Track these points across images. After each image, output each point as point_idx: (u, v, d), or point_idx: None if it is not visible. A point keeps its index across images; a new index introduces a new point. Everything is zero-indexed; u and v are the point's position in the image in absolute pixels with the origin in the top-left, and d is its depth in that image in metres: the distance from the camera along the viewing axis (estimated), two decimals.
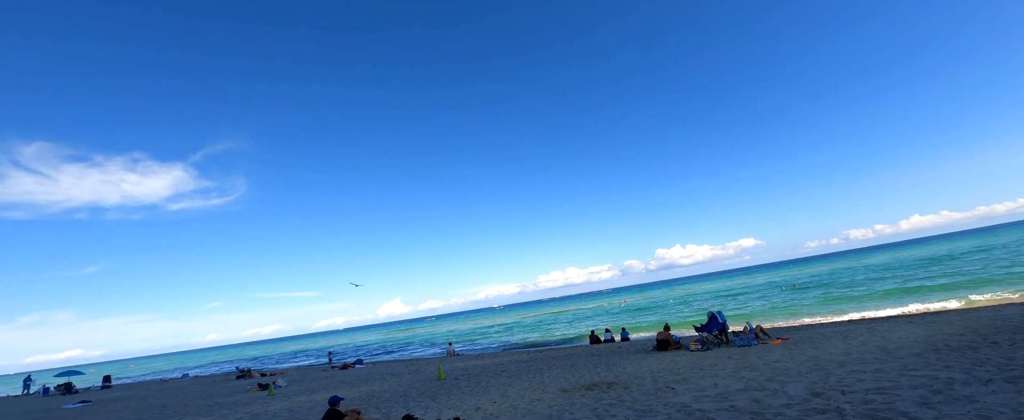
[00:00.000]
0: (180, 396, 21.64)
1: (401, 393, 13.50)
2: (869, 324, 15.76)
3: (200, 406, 16.68)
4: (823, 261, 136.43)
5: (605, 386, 10.36)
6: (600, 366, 13.82)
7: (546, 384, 11.72)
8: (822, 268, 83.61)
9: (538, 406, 9.09)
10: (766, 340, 14.48)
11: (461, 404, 10.40)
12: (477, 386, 12.93)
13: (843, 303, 27.52)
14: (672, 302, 57.01)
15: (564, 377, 12.57)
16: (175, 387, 28.56)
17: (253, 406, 14.87)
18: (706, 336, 15.44)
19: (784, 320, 24.05)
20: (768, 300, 38.31)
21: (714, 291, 64.57)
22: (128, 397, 24.66)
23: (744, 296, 46.89)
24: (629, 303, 71.02)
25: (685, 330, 25.34)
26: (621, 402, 8.52)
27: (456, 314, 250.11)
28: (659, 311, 46.45)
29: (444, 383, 14.48)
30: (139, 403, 20.76)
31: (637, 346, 18.45)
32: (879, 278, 39.96)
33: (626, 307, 61.44)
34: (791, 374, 9.10)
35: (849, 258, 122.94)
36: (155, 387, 31.09)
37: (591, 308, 74.29)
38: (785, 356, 11.26)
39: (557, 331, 41.49)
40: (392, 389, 14.72)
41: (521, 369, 15.59)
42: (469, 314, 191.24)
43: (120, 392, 29.03)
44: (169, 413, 15.76)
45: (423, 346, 46.73)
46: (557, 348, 24.41)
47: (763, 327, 15.67)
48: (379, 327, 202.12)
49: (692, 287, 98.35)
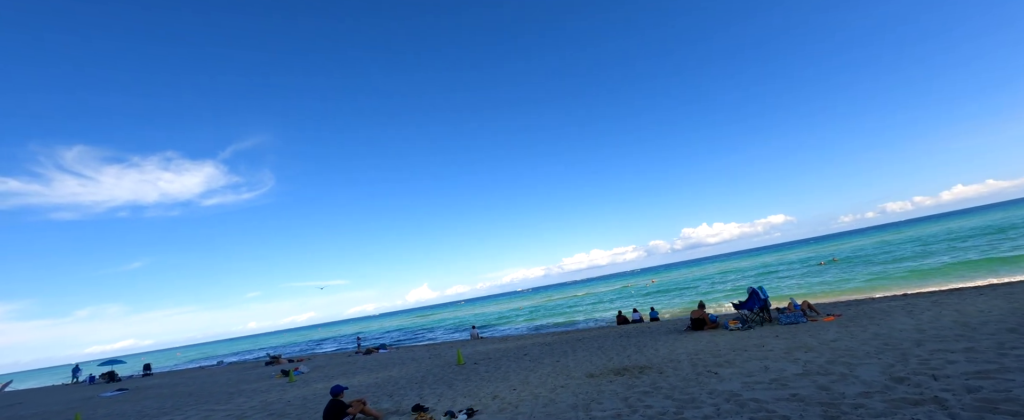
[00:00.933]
0: (208, 383, 21.81)
1: (418, 379, 12.81)
2: (933, 297, 14.06)
3: (222, 393, 16.54)
4: (860, 235, 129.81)
5: (636, 370, 9.29)
6: (630, 348, 12.74)
7: (570, 369, 10.74)
8: (861, 242, 79.25)
9: (561, 394, 8.11)
10: (815, 317, 13.05)
11: (478, 392, 9.55)
12: (497, 371, 12.08)
13: (892, 277, 25.41)
14: (702, 281, 55.09)
15: (590, 361, 11.56)
16: (208, 374, 29.13)
17: (271, 393, 14.54)
18: (746, 314, 14.11)
19: (828, 296, 22.31)
20: (806, 276, 36.16)
21: (746, 269, 62.09)
22: (162, 385, 25.17)
23: (779, 273, 44.67)
24: (656, 283, 69.31)
25: (721, 308, 23.92)
26: (656, 389, 7.44)
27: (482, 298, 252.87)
28: (688, 290, 44.79)
29: (463, 368, 13.72)
30: (170, 391, 21.02)
31: (668, 326, 17.24)
32: (928, 250, 37.12)
33: (653, 287, 59.86)
34: (857, 355, 7.79)
35: (888, 231, 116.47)
36: (190, 374, 31.89)
37: (616, 289, 72.94)
38: (843, 334, 9.90)
39: (582, 313, 40.53)
40: (410, 375, 14.07)
41: (544, 352, 14.68)
42: (494, 298, 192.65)
43: (157, 380, 29.84)
44: (192, 401, 15.65)
45: (448, 330, 46.67)
46: (582, 330, 23.44)
47: (810, 303, 14.21)
48: (407, 312, 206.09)
49: (722, 265, 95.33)
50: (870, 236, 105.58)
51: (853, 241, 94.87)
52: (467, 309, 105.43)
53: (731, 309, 20.80)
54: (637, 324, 21.31)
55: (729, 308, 22.14)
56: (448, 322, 60.62)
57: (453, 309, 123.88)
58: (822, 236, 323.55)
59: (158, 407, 15.39)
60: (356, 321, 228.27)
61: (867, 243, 69.50)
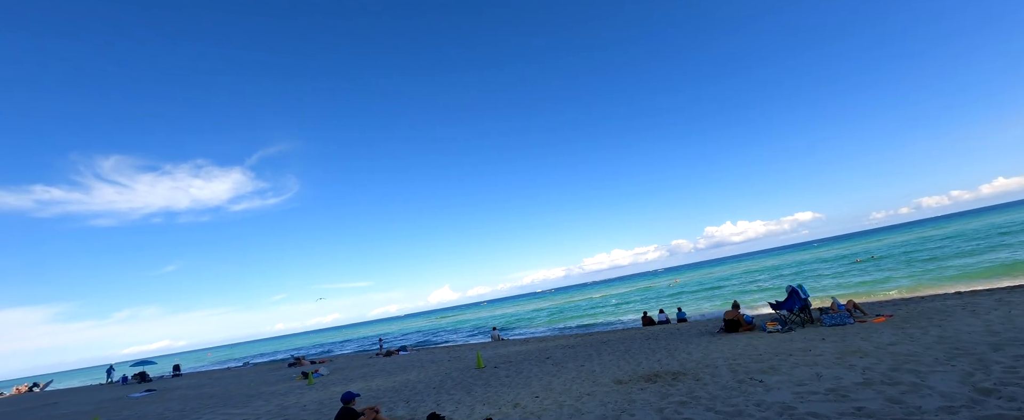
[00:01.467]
0: (231, 385, 21.92)
1: (436, 384, 12.33)
2: (996, 295, 12.80)
3: (242, 395, 16.46)
4: (895, 232, 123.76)
5: (669, 377, 8.56)
6: (659, 351, 11.97)
7: (597, 374, 10.06)
8: (897, 238, 75.36)
9: (588, 403, 7.47)
10: (863, 318, 12.01)
11: (498, 399, 8.98)
12: (518, 376, 11.49)
13: (941, 274, 23.71)
14: (728, 281, 53.27)
15: (617, 365, 10.85)
16: (233, 375, 29.47)
17: (289, 397, 14.32)
18: (785, 314, 13.14)
19: (871, 295, 20.90)
20: (843, 274, 34.33)
21: (775, 267, 59.80)
22: (189, 386, 25.52)
23: (813, 271, 42.68)
24: (679, 283, 67.49)
25: (756, 308, 22.74)
26: (694, 400, 6.72)
27: (503, 299, 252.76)
28: (715, 291, 43.25)
29: (483, 372, 13.18)
30: (195, 392, 21.21)
31: (698, 327, 16.33)
32: (975, 246, 34.76)
33: (676, 288, 58.24)
34: (924, 361, 6.90)
35: (925, 227, 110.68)
36: (216, 375, 32.39)
37: (639, 289, 71.38)
38: (901, 337, 8.94)
39: (604, 314, 39.56)
40: (428, 379, 13.62)
41: (567, 355, 14.02)
42: (515, 299, 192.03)
43: (184, 381, 30.36)
44: (212, 403, 15.60)
45: (470, 332, 46.33)
46: (606, 331, 22.63)
47: (855, 302, 13.12)
48: (430, 314, 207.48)
49: (748, 264, 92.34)
50: (906, 232, 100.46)
51: (888, 237, 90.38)
52: (488, 310, 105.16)
53: (767, 310, 19.71)
54: (664, 325, 20.40)
55: (765, 309, 21.00)
56: (469, 323, 60.36)
57: (475, 310, 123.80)
58: (853, 233, 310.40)
59: (180, 409, 15.38)
60: (380, 322, 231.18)
61: (904, 239, 66.03)
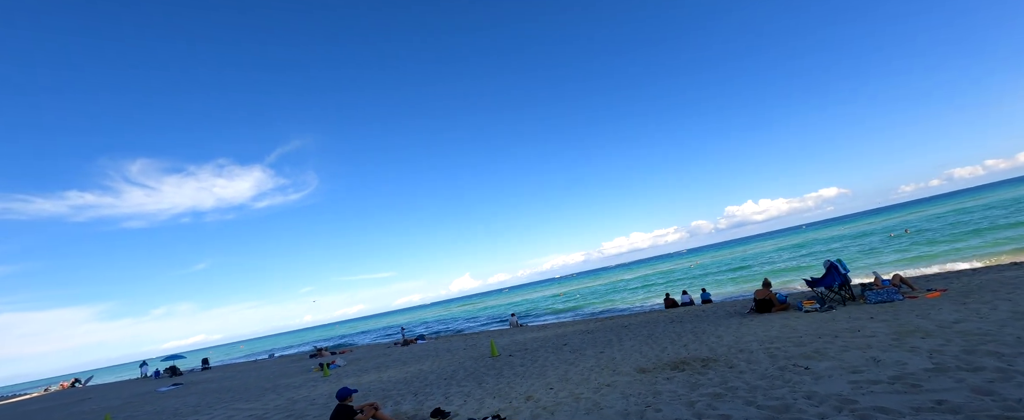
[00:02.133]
0: (251, 378, 21.99)
1: (448, 374, 11.75)
2: None
3: (257, 389, 16.30)
4: (927, 204, 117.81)
5: (698, 364, 7.69)
6: (685, 335, 11.07)
7: (618, 362, 9.26)
8: (932, 210, 71.56)
9: (608, 395, 6.68)
10: (913, 293, 10.86)
11: (509, 391, 8.29)
12: (533, 365, 10.78)
13: (992, 246, 21.96)
14: (752, 261, 51.53)
15: (640, 352, 10.03)
16: (256, 368, 29.81)
17: (301, 390, 14.02)
18: (824, 292, 12.04)
19: (914, 269, 19.44)
20: (879, 250, 32.51)
21: (800, 245, 57.54)
22: (213, 379, 25.85)
23: (842, 248, 40.71)
24: (701, 264, 65.78)
25: (789, 286, 21.50)
26: (730, 391, 5.86)
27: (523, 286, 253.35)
28: (739, 272, 41.75)
29: (496, 361, 12.54)
30: (216, 385, 21.35)
31: (725, 309, 15.32)
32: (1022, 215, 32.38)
33: (697, 269, 56.71)
34: (1005, 342, 5.86)
35: (961, 198, 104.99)
36: (241, 368, 32.90)
37: (658, 272, 69.95)
38: (967, 313, 7.84)
39: (625, 297, 38.63)
40: (441, 369, 13.07)
41: (586, 342, 13.25)
42: (535, 285, 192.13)
43: (211, 374, 30.87)
44: (228, 397, 15.47)
45: (489, 319, 46.11)
46: (626, 315, 21.76)
47: (902, 276, 11.93)
48: (451, 302, 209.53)
49: (774, 242, 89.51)
50: (939, 204, 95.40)
51: (921, 210, 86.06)
52: (508, 297, 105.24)
53: (801, 288, 18.53)
54: (688, 307, 19.43)
55: (799, 287, 19.78)
56: (489, 311, 60.27)
57: (495, 297, 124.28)
58: (881, 208, 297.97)
59: (195, 403, 15.31)
60: (403, 312, 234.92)
61: (941, 211, 62.63)
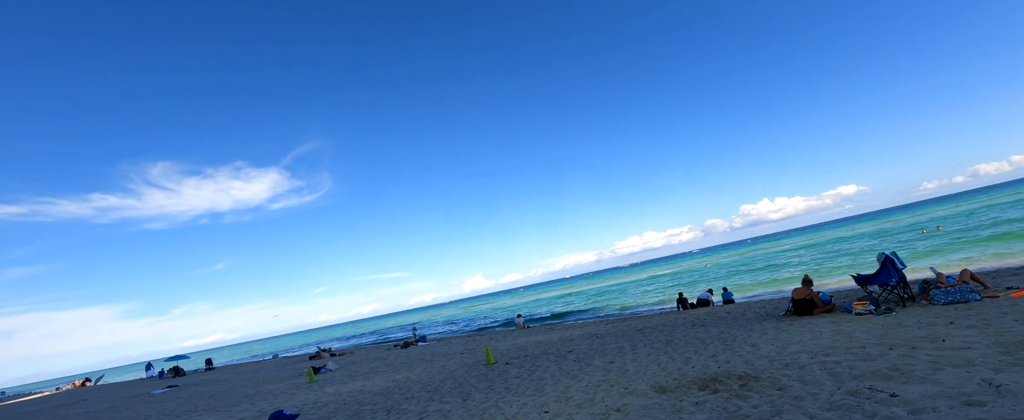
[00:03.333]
0: (240, 382, 20.86)
1: (434, 385, 10.25)
2: None
3: (238, 395, 15.07)
4: (953, 201, 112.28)
5: (735, 383, 6.03)
6: (712, 342, 9.37)
7: (631, 376, 7.63)
8: (962, 207, 67.70)
9: None
10: (992, 292, 9.01)
11: (496, 414, 6.74)
12: (530, 377, 9.21)
13: None
14: (771, 258, 49.11)
15: (658, 363, 8.37)
16: (251, 371, 28.79)
17: (280, 398, 12.69)
18: (877, 291, 10.23)
19: (962, 264, 17.33)
20: (913, 246, 30.13)
21: (826, 242, 54.76)
22: (208, 382, 24.85)
23: (870, 247, 38.23)
24: (716, 263, 63.27)
25: (830, 282, 19.46)
26: None
27: (535, 286, 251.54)
28: (756, 272, 39.51)
29: (491, 370, 11.00)
30: (205, 389, 20.27)
31: (754, 310, 13.52)
32: None
33: (713, 268, 54.38)
34: None
35: (989, 194, 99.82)
36: (240, 370, 31.98)
37: (672, 271, 67.59)
38: None
39: (637, 297, 36.76)
40: (428, 378, 11.59)
41: (594, 348, 11.62)
42: (547, 285, 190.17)
43: (210, 375, 29.96)
44: (203, 406, 14.24)
45: (497, 319, 44.69)
46: (640, 316, 20.02)
47: (972, 272, 10.05)
48: (463, 302, 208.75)
49: (794, 240, 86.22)
50: (968, 200, 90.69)
51: (949, 206, 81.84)
52: (520, 297, 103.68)
53: (844, 286, 16.64)
54: (707, 309, 17.65)
55: (841, 284, 17.82)
56: (499, 310, 58.84)
57: (507, 297, 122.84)
58: (902, 205, 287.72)
59: (175, 410, 14.12)
60: (415, 311, 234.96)
61: (972, 207, 59.19)
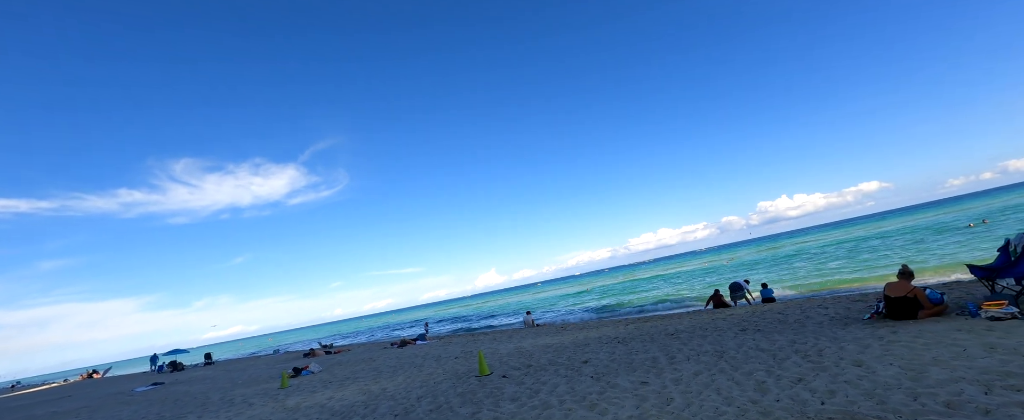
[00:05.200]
0: (218, 384, 19.01)
1: (409, 404, 8.01)
2: None
3: (202, 402, 13.10)
4: (983, 198, 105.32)
5: None
6: (786, 356, 6.88)
7: (679, 413, 5.23)
8: (997, 201, 62.97)
9: None
10: None
11: None
12: (529, 401, 6.85)
13: None
14: (795, 257, 45.85)
15: (717, 388, 5.91)
16: (243, 368, 27.12)
17: (235, 408, 10.66)
18: (1011, 287, 7.61)
19: None
20: (962, 242, 26.92)
21: (856, 239, 50.96)
22: (197, 379, 23.24)
23: (910, 244, 34.85)
24: (737, 260, 59.92)
25: (930, 276, 16.38)
26: None
27: (548, 281, 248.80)
28: (778, 268, 36.46)
29: (482, 385, 8.70)
30: (184, 390, 18.52)
31: (816, 310, 10.93)
32: None
33: (733, 265, 51.23)
34: None
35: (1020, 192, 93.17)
36: (232, 367, 30.40)
37: (689, 269, 64.40)
38: None
39: (658, 295, 34.07)
40: (405, 391, 9.37)
41: (616, 358, 9.22)
42: (560, 281, 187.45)
43: (201, 373, 28.38)
44: (171, 411, 12.32)
45: (507, 315, 42.52)
46: (667, 315, 17.49)
47: None
48: (476, 297, 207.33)
49: (819, 237, 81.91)
50: (997, 197, 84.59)
51: (983, 202, 76.52)
52: (533, 292, 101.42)
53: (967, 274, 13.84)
54: (745, 309, 15.12)
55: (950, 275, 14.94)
56: (511, 307, 56.69)
57: (519, 293, 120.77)
58: (927, 203, 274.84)
59: (143, 414, 12.27)
60: (428, 306, 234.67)
61: (1005, 204, 54.90)
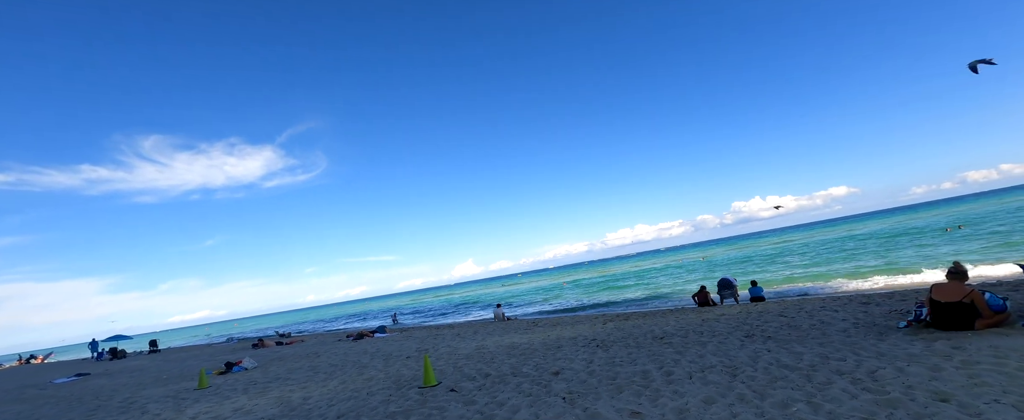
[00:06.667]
0: (147, 376, 16.72)
1: None
2: None
3: (115, 404, 10.89)
4: (946, 206, 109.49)
5: None
6: (830, 380, 5.22)
7: None
8: (955, 211, 65.83)
9: None
10: None
11: None
12: None
13: None
14: (766, 256, 45.59)
15: None
16: (184, 357, 24.62)
17: (127, 415, 8.57)
18: None
19: None
20: (948, 244, 26.47)
21: (833, 240, 51.14)
22: (124, 371, 20.71)
23: (893, 244, 34.58)
24: (710, 258, 59.86)
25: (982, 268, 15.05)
26: None
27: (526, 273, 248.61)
28: (747, 267, 35.84)
29: (424, 399, 6.84)
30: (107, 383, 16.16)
31: (825, 312, 9.46)
32: None
33: (706, 263, 51.05)
34: None
35: (984, 200, 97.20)
36: (177, 355, 27.83)
37: (662, 265, 63.96)
38: None
39: (638, 289, 32.89)
40: (328, 403, 7.44)
41: (596, 368, 7.50)
42: (539, 273, 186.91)
43: (140, 362, 25.76)
44: (67, 410, 10.09)
45: (482, 306, 40.93)
46: (650, 312, 15.95)
47: None
48: (453, 287, 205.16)
49: (792, 237, 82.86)
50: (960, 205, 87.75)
51: (944, 210, 79.05)
52: (512, 283, 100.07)
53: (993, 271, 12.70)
54: (735, 308, 13.74)
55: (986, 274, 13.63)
56: (486, 297, 55.13)
57: (498, 283, 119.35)
58: (892, 208, 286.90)
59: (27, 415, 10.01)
60: (403, 295, 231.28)
61: (975, 210, 56.82)
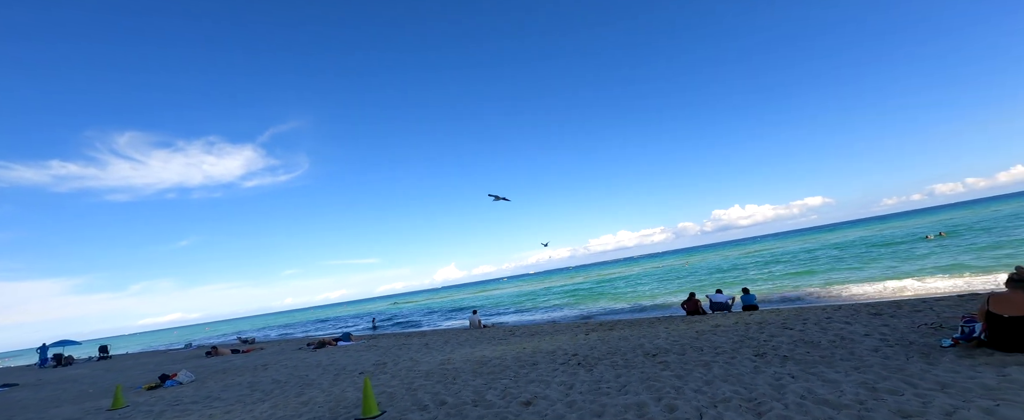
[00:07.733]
0: (77, 388, 14.88)
1: None
2: None
3: None
4: (916, 216, 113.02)
5: None
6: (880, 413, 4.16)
7: None
8: (925, 221, 67.77)
9: None
10: None
11: None
12: None
13: None
14: (748, 264, 45.34)
15: None
16: (131, 365, 22.61)
17: None
18: None
19: None
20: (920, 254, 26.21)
21: (812, 248, 51.10)
22: (57, 381, 18.67)
23: (869, 254, 34.36)
24: (692, 265, 59.64)
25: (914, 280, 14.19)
26: None
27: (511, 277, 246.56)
28: (729, 274, 35.34)
29: None
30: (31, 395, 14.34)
31: (841, 325, 8.46)
32: None
33: (689, 269, 50.67)
34: None
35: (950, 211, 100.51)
36: (127, 362, 25.63)
37: (649, 270, 63.49)
38: None
39: (624, 297, 31.85)
40: None
41: (579, 402, 6.27)
42: (521, 278, 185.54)
43: (81, 371, 23.51)
44: None
45: (462, 312, 39.38)
46: (636, 321, 14.81)
47: None
48: (435, 291, 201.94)
49: (770, 245, 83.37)
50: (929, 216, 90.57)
51: (914, 220, 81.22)
52: (496, 287, 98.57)
53: None
54: (730, 319, 12.74)
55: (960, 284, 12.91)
56: (466, 303, 53.52)
57: (479, 288, 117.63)
58: (864, 218, 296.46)
59: None
60: (383, 299, 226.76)
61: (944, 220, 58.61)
